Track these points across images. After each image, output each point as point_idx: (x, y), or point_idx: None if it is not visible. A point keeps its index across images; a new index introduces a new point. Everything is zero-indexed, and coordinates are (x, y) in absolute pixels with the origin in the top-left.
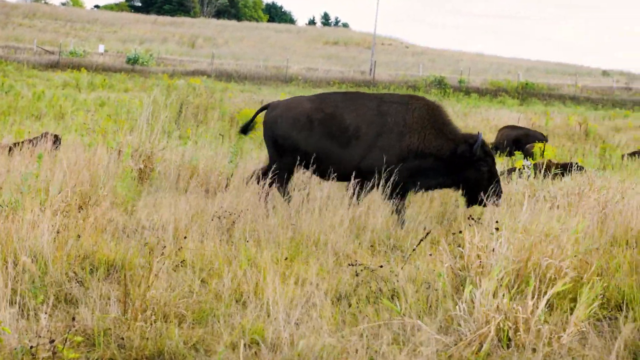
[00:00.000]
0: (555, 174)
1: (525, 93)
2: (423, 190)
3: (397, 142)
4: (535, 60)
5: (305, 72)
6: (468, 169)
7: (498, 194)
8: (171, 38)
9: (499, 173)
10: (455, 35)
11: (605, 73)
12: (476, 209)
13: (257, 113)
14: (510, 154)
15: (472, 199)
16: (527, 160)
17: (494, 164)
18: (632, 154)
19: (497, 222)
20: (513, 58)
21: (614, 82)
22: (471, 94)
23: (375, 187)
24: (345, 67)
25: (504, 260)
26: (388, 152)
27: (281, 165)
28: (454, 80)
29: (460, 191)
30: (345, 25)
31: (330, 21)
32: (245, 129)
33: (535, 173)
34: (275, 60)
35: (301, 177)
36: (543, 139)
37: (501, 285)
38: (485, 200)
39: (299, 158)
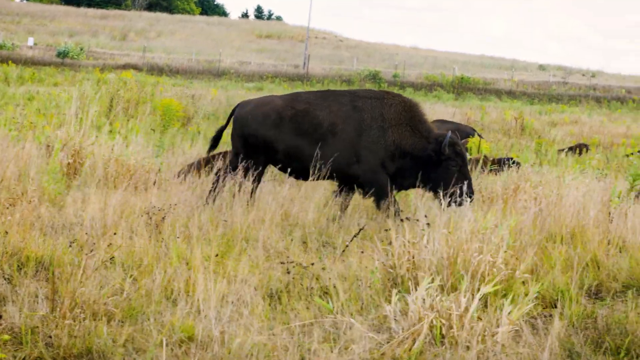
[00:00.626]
0: (491, 170)
1: (461, 87)
2: (396, 190)
3: (381, 139)
4: (471, 54)
5: (238, 66)
6: (437, 168)
7: (469, 195)
8: (102, 31)
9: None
10: (390, 28)
11: (541, 67)
12: (408, 204)
13: (230, 117)
14: None
15: (456, 200)
16: None
17: (464, 164)
18: (569, 149)
19: (425, 216)
20: (449, 52)
21: (550, 77)
22: (406, 88)
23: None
24: (278, 60)
25: (436, 258)
26: (374, 150)
27: (251, 163)
28: (389, 74)
29: (429, 192)
30: (278, 18)
31: (263, 14)
32: (218, 138)
33: (470, 169)
34: (208, 54)
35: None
36: (473, 133)
37: (434, 282)
38: (451, 200)
39: (269, 156)
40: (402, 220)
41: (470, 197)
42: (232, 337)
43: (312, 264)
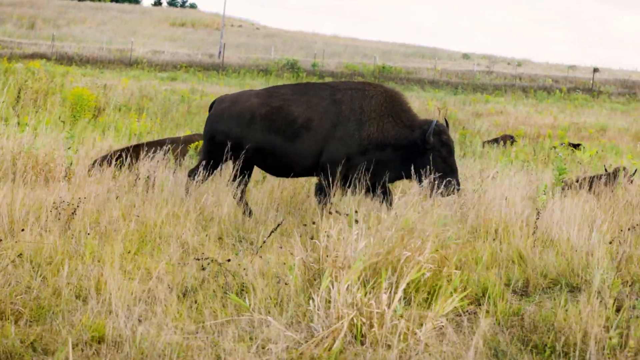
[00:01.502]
0: None
1: (383, 77)
2: (380, 183)
3: (356, 132)
4: (393, 42)
5: (151, 55)
6: (422, 158)
7: (454, 187)
8: (9, 19)
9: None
10: (310, 16)
11: (465, 56)
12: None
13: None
14: None
15: (442, 191)
16: None
17: (450, 154)
18: (493, 141)
19: (356, 212)
20: (370, 40)
21: (475, 66)
22: (325, 77)
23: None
24: (193, 49)
25: (359, 254)
26: (347, 143)
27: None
28: (308, 63)
29: (417, 183)
30: (193, 6)
31: (177, 1)
32: None
33: None
34: (119, 43)
35: (147, 165)
36: None
37: (358, 279)
38: (437, 192)
39: (245, 155)
40: (328, 213)
41: (457, 188)
42: (145, 336)
43: (229, 260)
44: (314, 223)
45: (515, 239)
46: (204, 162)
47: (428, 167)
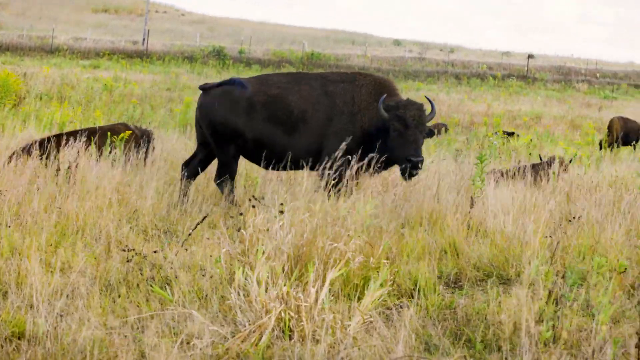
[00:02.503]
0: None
1: (311, 64)
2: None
3: (350, 125)
4: (323, 28)
5: (73, 43)
6: (385, 137)
7: (411, 161)
8: None
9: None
10: (237, 2)
11: (397, 42)
12: (256, 188)
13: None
14: None
15: (401, 169)
16: None
17: (407, 127)
18: None
19: (282, 204)
20: (299, 26)
21: (406, 52)
22: (252, 65)
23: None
24: (116, 36)
25: (287, 245)
26: (344, 137)
27: (223, 156)
28: (235, 50)
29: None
30: None
31: None
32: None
33: None
34: (40, 30)
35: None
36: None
37: (282, 271)
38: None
39: (239, 147)
40: (253, 206)
41: (411, 162)
42: (66, 332)
43: (154, 252)
44: (241, 214)
45: (449, 230)
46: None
47: (387, 144)
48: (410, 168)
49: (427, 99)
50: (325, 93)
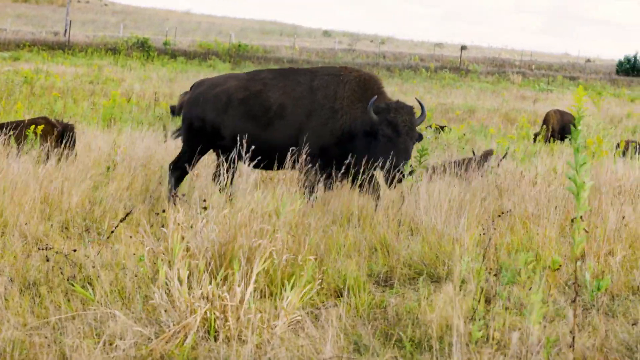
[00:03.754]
0: None
1: (239, 56)
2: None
3: (330, 120)
4: (251, 19)
5: None
6: (373, 141)
7: (401, 167)
8: None
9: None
10: None
11: (326, 33)
12: (183, 185)
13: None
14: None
15: (386, 177)
16: None
17: (398, 133)
18: None
19: (204, 200)
20: (225, 17)
21: (336, 43)
22: (178, 57)
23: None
24: (37, 27)
25: (211, 243)
26: (321, 133)
27: (191, 151)
28: (159, 41)
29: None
30: None
31: None
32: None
33: None
34: None
35: None
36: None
37: (207, 269)
38: (389, 177)
39: (219, 143)
40: (174, 203)
41: (401, 172)
42: None
43: (75, 251)
44: (164, 211)
45: (379, 227)
46: (184, 152)
47: (375, 148)
48: (398, 178)
49: (418, 101)
50: (310, 88)
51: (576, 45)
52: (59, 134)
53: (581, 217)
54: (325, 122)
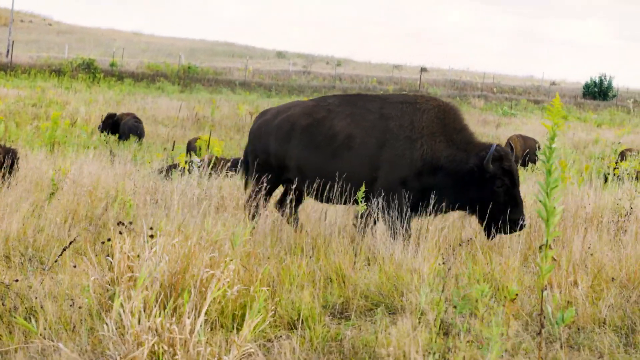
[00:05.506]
0: (225, 171)
1: (188, 78)
2: (434, 214)
3: (407, 151)
4: (200, 39)
5: None
6: (480, 188)
7: (520, 224)
8: None
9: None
10: (109, 11)
11: (280, 54)
12: (129, 212)
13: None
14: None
15: (489, 227)
16: (192, 155)
17: (513, 184)
18: None
19: (151, 228)
20: (175, 37)
21: (290, 65)
22: (125, 79)
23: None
24: None
25: (157, 272)
26: (397, 164)
27: (259, 182)
28: (106, 62)
29: (474, 217)
30: None
31: None
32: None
33: (199, 169)
34: None
35: None
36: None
37: (156, 301)
38: (497, 229)
39: (284, 176)
40: (120, 232)
41: (520, 224)
42: None
43: (16, 281)
44: (109, 240)
45: (335, 256)
46: (253, 190)
47: (487, 198)
48: (511, 230)
49: (509, 144)
50: (381, 116)
51: (541, 67)
52: (1, 159)
53: (550, 244)
54: (402, 153)
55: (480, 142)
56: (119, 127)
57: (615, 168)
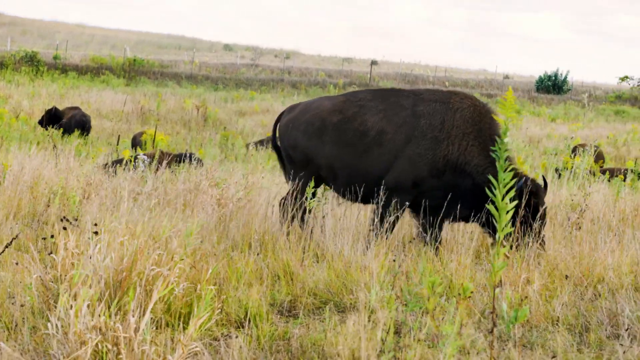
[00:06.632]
0: (170, 167)
1: (133, 71)
2: (450, 221)
3: (430, 151)
4: (147, 32)
5: None
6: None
7: (540, 244)
8: None
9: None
10: (52, 2)
11: (227, 47)
12: (72, 208)
13: (278, 121)
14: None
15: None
16: (138, 150)
17: (535, 219)
18: (259, 143)
19: (96, 224)
20: (121, 30)
21: (238, 58)
22: (69, 72)
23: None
24: None
25: (102, 269)
26: (418, 162)
27: (296, 181)
28: (49, 55)
29: (485, 231)
30: None
31: None
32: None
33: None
34: None
35: None
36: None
37: (100, 299)
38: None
39: (316, 172)
40: (64, 227)
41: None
42: None
43: None
44: (52, 236)
45: (282, 253)
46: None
47: (520, 217)
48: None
49: (543, 178)
50: (414, 113)
51: (494, 61)
52: None
53: (502, 242)
54: (424, 152)
55: (515, 167)
56: (60, 120)
57: (568, 163)
